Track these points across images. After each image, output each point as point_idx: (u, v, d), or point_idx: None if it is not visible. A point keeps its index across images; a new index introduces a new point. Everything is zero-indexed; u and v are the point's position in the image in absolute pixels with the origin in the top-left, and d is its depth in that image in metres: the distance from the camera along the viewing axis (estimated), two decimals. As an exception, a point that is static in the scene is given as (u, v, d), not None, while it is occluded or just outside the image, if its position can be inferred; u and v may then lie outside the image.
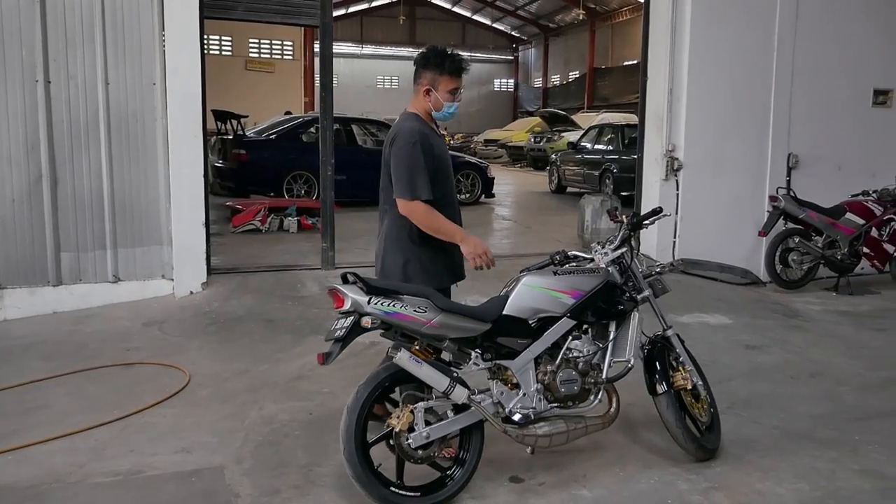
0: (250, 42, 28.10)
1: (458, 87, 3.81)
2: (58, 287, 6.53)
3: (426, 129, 3.79)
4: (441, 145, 3.87)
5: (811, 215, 7.95)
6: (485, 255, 3.68)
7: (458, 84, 3.81)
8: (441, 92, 3.78)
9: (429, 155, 3.69)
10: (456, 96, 3.82)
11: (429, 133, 3.79)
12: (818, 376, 5.39)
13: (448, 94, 3.79)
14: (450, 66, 3.77)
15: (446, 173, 3.84)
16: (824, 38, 8.58)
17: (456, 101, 3.83)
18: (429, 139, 3.74)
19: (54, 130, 6.43)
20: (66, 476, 3.71)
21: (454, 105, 3.84)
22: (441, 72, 3.76)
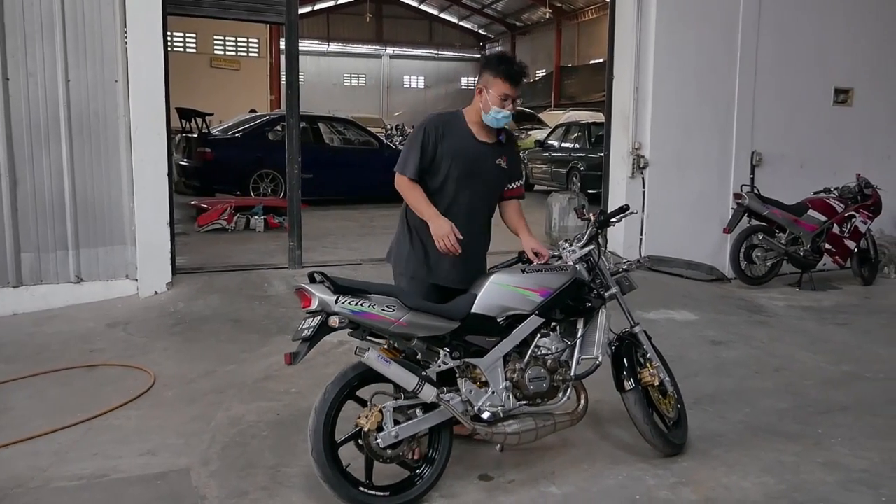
0: (215, 39, 27.83)
1: (509, 94, 3.72)
2: (18, 288, 6.39)
3: (451, 122, 3.83)
4: (463, 143, 3.78)
5: (774, 212, 8.06)
6: (448, 238, 3.59)
7: (510, 91, 3.72)
8: (492, 94, 3.73)
9: (433, 144, 3.73)
10: (506, 104, 3.73)
11: (452, 126, 3.81)
12: (782, 371, 5.47)
13: (498, 98, 3.72)
14: (505, 70, 3.73)
15: (456, 171, 3.75)
16: (786, 37, 8.72)
17: (506, 108, 3.73)
18: (442, 130, 3.76)
19: (13, 129, 6.29)
20: (27, 481, 3.63)
21: (502, 112, 3.74)
22: (496, 74, 3.73)
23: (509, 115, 3.78)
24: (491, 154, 3.87)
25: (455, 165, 3.76)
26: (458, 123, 3.84)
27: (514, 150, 4.12)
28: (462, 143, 3.79)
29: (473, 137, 3.83)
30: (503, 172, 3.94)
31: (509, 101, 3.74)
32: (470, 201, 3.83)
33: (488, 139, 3.87)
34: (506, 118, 3.79)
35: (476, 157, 3.82)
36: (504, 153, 3.94)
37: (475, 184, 3.82)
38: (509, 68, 3.75)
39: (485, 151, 3.85)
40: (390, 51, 50.90)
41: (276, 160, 10.39)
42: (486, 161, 3.85)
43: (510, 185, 4.04)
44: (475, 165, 3.81)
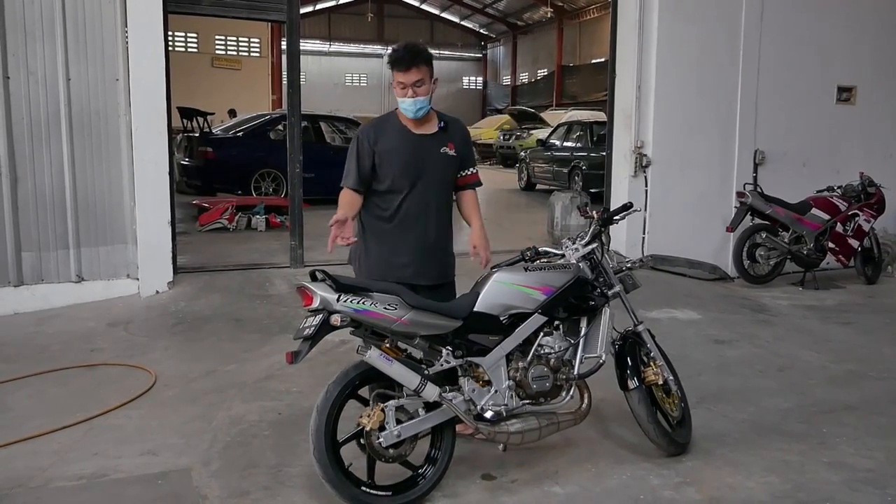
0: (216, 39, 27.81)
1: (403, 81, 3.64)
2: (19, 287, 6.38)
3: (383, 124, 3.82)
4: (398, 141, 3.74)
5: (778, 211, 8.03)
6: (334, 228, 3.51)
7: (402, 77, 3.64)
8: (395, 87, 3.71)
9: (368, 149, 3.72)
10: (406, 92, 3.65)
11: (384, 127, 3.79)
12: (786, 370, 5.45)
13: (397, 88, 3.69)
14: (391, 59, 3.70)
15: (399, 169, 3.71)
16: (789, 36, 8.69)
17: (407, 96, 3.66)
18: (375, 133, 3.75)
19: (13, 127, 6.28)
20: (28, 481, 3.61)
21: (405, 101, 3.67)
22: (389, 67, 3.71)
23: (416, 102, 3.67)
24: (432, 144, 3.79)
25: (394, 164, 3.72)
26: (391, 123, 3.81)
27: (462, 135, 3.97)
28: (397, 141, 3.74)
29: (409, 133, 3.77)
30: (451, 160, 3.84)
31: (408, 88, 3.64)
32: (421, 197, 3.77)
33: (427, 130, 3.80)
34: (413, 105, 3.68)
35: (415, 151, 3.75)
36: (449, 140, 3.83)
37: (421, 178, 3.75)
38: (393, 56, 3.69)
39: (424, 143, 3.77)
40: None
41: (278, 159, 10.38)
42: (428, 153, 3.77)
43: (463, 173, 3.94)
44: (416, 159, 3.74)
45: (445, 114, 3.94)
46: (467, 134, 4.06)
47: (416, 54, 3.68)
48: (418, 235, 3.77)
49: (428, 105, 3.74)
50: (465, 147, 3.95)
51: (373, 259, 3.83)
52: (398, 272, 3.74)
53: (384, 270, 3.75)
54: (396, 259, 3.77)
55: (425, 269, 3.81)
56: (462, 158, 3.91)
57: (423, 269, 3.80)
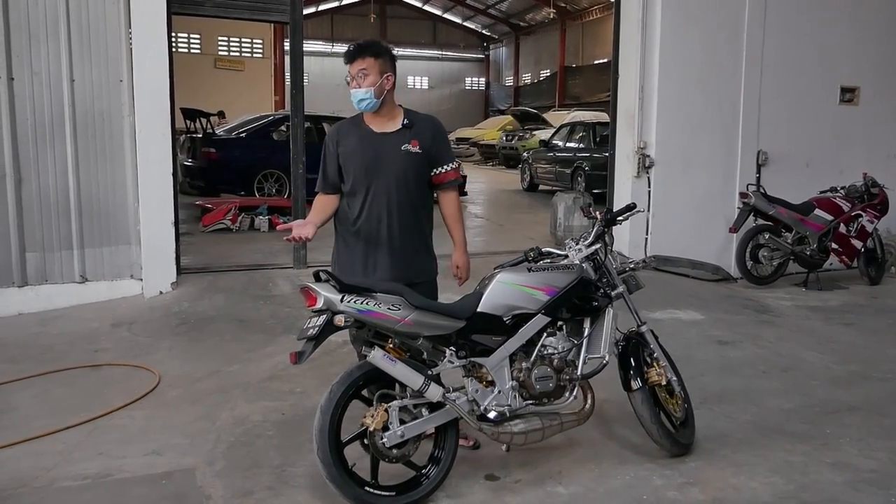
0: (219, 40, 27.79)
1: (350, 72, 3.67)
2: (23, 288, 6.40)
3: (347, 124, 3.86)
4: (359, 140, 3.73)
5: (781, 212, 8.03)
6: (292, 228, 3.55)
7: (350, 69, 3.67)
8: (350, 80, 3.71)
9: (333, 152, 3.77)
10: (353, 83, 3.66)
11: (347, 128, 3.83)
12: (789, 371, 5.44)
13: (349, 81, 3.70)
14: (344, 54, 3.73)
15: (359, 169, 3.69)
16: (792, 36, 8.69)
17: (352, 87, 3.67)
18: (340, 134, 3.80)
19: (18, 128, 6.30)
20: (32, 480, 3.63)
21: (351, 91, 3.68)
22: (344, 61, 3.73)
23: (359, 93, 3.65)
24: (394, 141, 3.72)
25: (354, 164, 3.71)
26: (354, 124, 3.82)
27: (431, 131, 3.81)
28: (357, 141, 3.74)
29: (370, 132, 3.75)
30: (415, 157, 3.73)
31: (353, 79, 3.67)
32: (385, 196, 3.70)
33: (390, 128, 3.75)
34: (356, 95, 3.66)
35: (375, 150, 3.71)
36: (413, 137, 3.73)
37: (382, 176, 3.70)
38: (347, 49, 3.74)
39: (385, 141, 3.72)
40: (394, 51, 50.78)
41: (281, 160, 10.41)
42: (388, 150, 3.71)
43: (437, 170, 3.82)
44: (376, 158, 3.70)
45: (417, 112, 3.88)
46: (439, 130, 3.91)
47: (361, 47, 3.72)
48: (381, 235, 3.72)
49: (372, 98, 3.65)
50: (434, 143, 3.80)
51: (343, 260, 3.81)
52: (367, 272, 3.72)
53: (352, 272, 3.70)
54: (362, 260, 3.75)
55: (393, 269, 3.73)
56: (431, 155, 3.78)
57: (391, 270, 3.72)
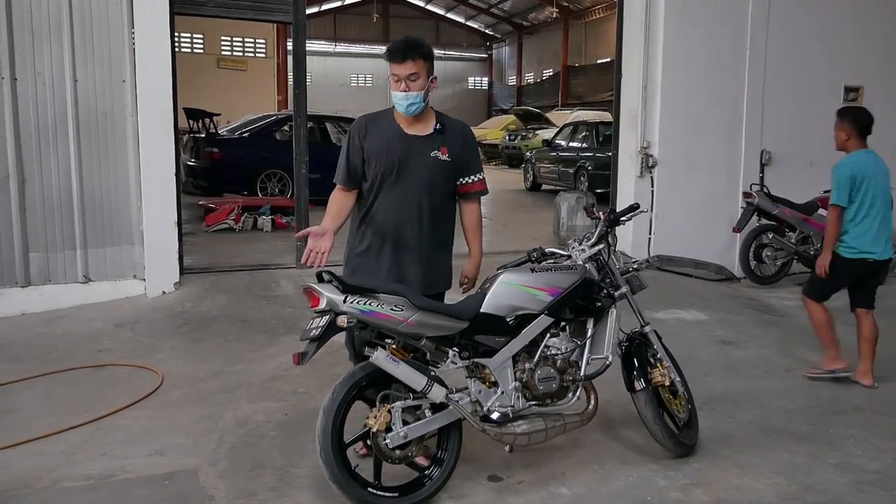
0: (222, 40, 27.83)
1: (397, 73, 3.52)
2: (26, 288, 6.40)
3: (377, 120, 3.72)
4: (388, 139, 3.61)
5: (784, 211, 8.01)
6: (311, 253, 3.46)
7: (397, 69, 3.52)
8: (391, 80, 3.58)
9: (357, 145, 3.64)
10: (399, 85, 3.53)
11: (376, 124, 3.69)
12: (792, 371, 5.43)
13: (392, 81, 3.56)
14: (387, 52, 3.58)
15: (383, 169, 3.59)
16: (796, 36, 8.67)
17: (399, 89, 3.53)
18: (365, 129, 3.66)
19: (21, 128, 6.30)
20: (35, 481, 3.63)
21: (398, 94, 3.54)
22: (386, 60, 3.59)
23: (407, 97, 3.54)
24: (423, 146, 3.63)
25: (379, 163, 3.60)
26: (384, 120, 3.69)
27: (461, 139, 3.75)
28: (386, 139, 3.62)
29: (401, 131, 3.64)
30: (444, 165, 3.65)
31: (401, 81, 3.52)
32: (403, 199, 3.62)
33: (421, 131, 3.65)
34: (405, 100, 3.55)
35: (403, 152, 3.60)
36: (443, 144, 3.65)
37: (405, 180, 3.60)
38: (390, 46, 3.59)
39: (415, 144, 3.62)
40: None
41: (284, 160, 10.40)
42: (417, 154, 3.61)
43: (462, 180, 3.76)
44: (402, 160, 3.59)
45: (449, 116, 3.81)
46: (470, 138, 3.87)
47: (413, 46, 3.56)
48: (409, 240, 3.63)
49: (421, 102, 3.58)
50: (464, 152, 3.75)
51: (362, 262, 3.71)
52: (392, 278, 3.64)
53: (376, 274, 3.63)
54: (389, 263, 3.66)
55: (425, 276, 3.68)
56: (459, 164, 3.72)
57: (423, 277, 3.67)
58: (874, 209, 5.14)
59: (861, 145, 5.32)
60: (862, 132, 5.34)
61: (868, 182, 5.15)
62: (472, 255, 3.92)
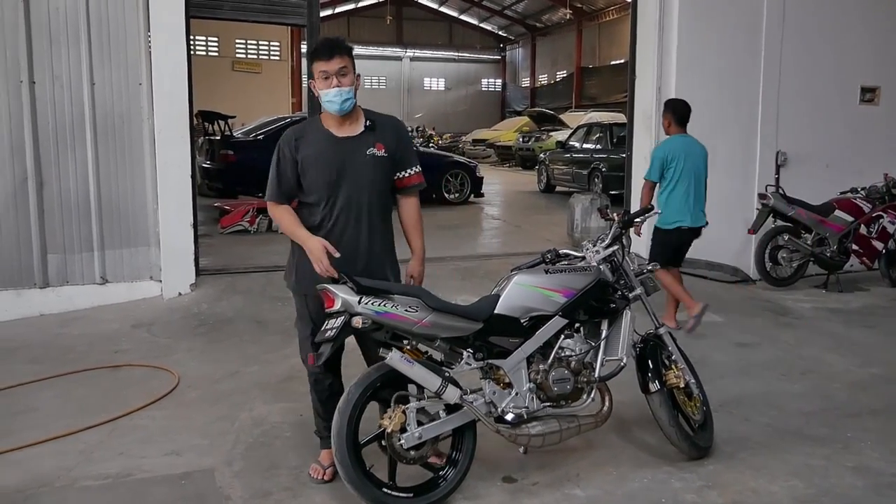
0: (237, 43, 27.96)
1: (326, 69, 3.42)
2: (44, 289, 6.47)
3: (306, 130, 3.59)
4: (321, 146, 3.51)
5: (800, 213, 7.96)
6: (322, 261, 3.34)
7: (325, 66, 3.42)
8: (317, 79, 3.46)
9: (290, 158, 3.51)
10: (330, 81, 3.42)
11: (305, 134, 3.56)
12: (809, 373, 5.40)
13: (320, 79, 3.44)
14: (314, 50, 3.50)
15: (325, 176, 3.49)
16: (812, 36, 8.61)
17: (332, 86, 3.42)
18: (296, 141, 3.52)
19: (39, 131, 6.37)
20: (53, 480, 3.67)
21: (330, 91, 3.42)
22: (310, 59, 3.52)
23: (341, 92, 3.43)
24: (358, 146, 3.53)
25: (318, 171, 3.49)
26: (313, 128, 3.58)
27: (394, 133, 3.66)
28: (319, 147, 3.51)
29: (332, 136, 3.53)
30: (382, 161, 3.56)
31: (331, 77, 3.42)
32: (355, 204, 3.52)
33: (352, 132, 3.55)
34: (339, 96, 3.43)
35: (339, 155, 3.51)
36: (377, 140, 3.56)
37: (348, 183, 3.51)
38: (316, 45, 3.51)
39: (349, 146, 3.52)
40: (411, 53, 50.96)
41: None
42: (353, 155, 3.52)
43: (399, 174, 3.66)
44: (341, 164, 3.50)
45: (377, 112, 3.70)
46: (403, 131, 3.77)
47: (338, 43, 3.50)
48: (354, 246, 3.52)
49: (353, 97, 3.49)
50: (399, 145, 3.64)
51: (304, 274, 3.55)
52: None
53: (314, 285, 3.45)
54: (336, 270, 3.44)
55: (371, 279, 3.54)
56: (396, 159, 3.63)
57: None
58: (681, 184, 6.02)
59: (679, 131, 6.23)
60: (679, 120, 6.23)
61: (677, 162, 6.05)
62: (416, 253, 3.80)
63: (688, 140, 6.20)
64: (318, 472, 3.64)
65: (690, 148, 6.14)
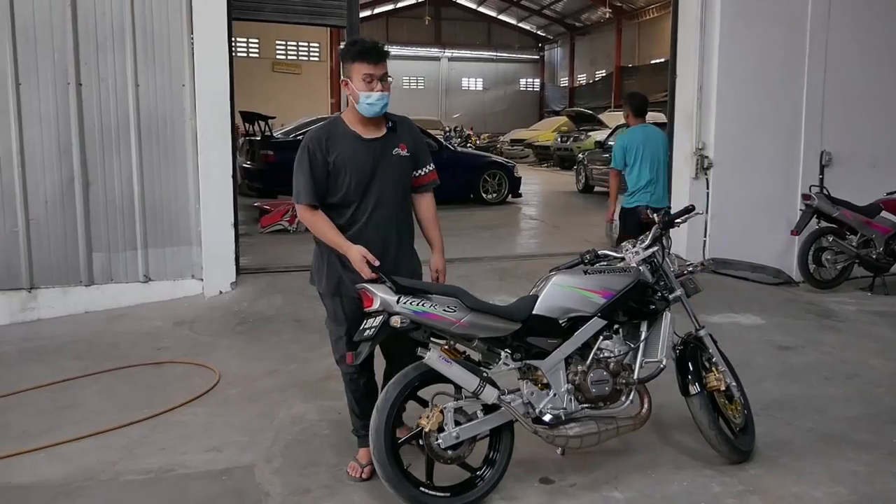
0: (277, 44, 28.32)
1: (372, 72, 3.45)
2: (90, 287, 6.60)
3: (332, 132, 3.58)
4: (350, 147, 3.53)
5: (845, 214, 7.81)
6: (364, 269, 3.36)
7: (371, 69, 3.45)
8: (356, 81, 3.48)
9: (321, 160, 3.51)
10: (373, 85, 3.46)
11: (333, 135, 3.57)
12: (853, 377, 5.29)
13: (362, 81, 3.46)
14: (358, 50, 3.48)
15: (355, 178, 3.52)
16: (858, 32, 8.44)
17: (374, 89, 3.46)
18: (325, 143, 3.53)
19: (86, 133, 6.51)
20: (98, 474, 3.75)
21: (372, 94, 3.46)
22: (352, 58, 3.49)
23: (383, 97, 3.50)
24: (385, 147, 3.60)
25: (351, 173, 3.52)
26: (340, 130, 3.58)
27: (412, 133, 3.74)
28: (350, 149, 3.53)
29: (359, 138, 3.56)
30: (405, 161, 3.65)
31: (375, 80, 3.46)
32: (377, 205, 3.57)
33: (377, 133, 3.60)
34: (381, 100, 3.49)
35: (370, 157, 3.55)
36: (400, 140, 3.64)
37: (378, 186, 3.56)
38: (361, 46, 3.50)
39: (377, 148, 3.58)
40: (449, 53, 51.03)
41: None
42: (382, 157, 3.58)
43: (417, 173, 3.73)
44: (373, 165, 3.55)
45: (391, 113, 3.72)
46: (417, 130, 3.85)
47: (382, 48, 3.53)
48: (381, 245, 3.55)
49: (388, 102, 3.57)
50: (416, 145, 3.73)
51: (335, 275, 3.62)
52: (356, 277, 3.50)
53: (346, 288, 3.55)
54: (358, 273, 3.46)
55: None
56: (415, 158, 3.71)
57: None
58: (642, 170, 6.53)
59: (639, 122, 6.70)
60: (637, 112, 6.71)
61: (637, 150, 6.55)
62: (437, 247, 3.84)
63: (647, 129, 6.69)
64: (357, 470, 3.67)
65: (648, 136, 6.62)
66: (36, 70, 6.35)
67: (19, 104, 6.32)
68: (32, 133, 6.37)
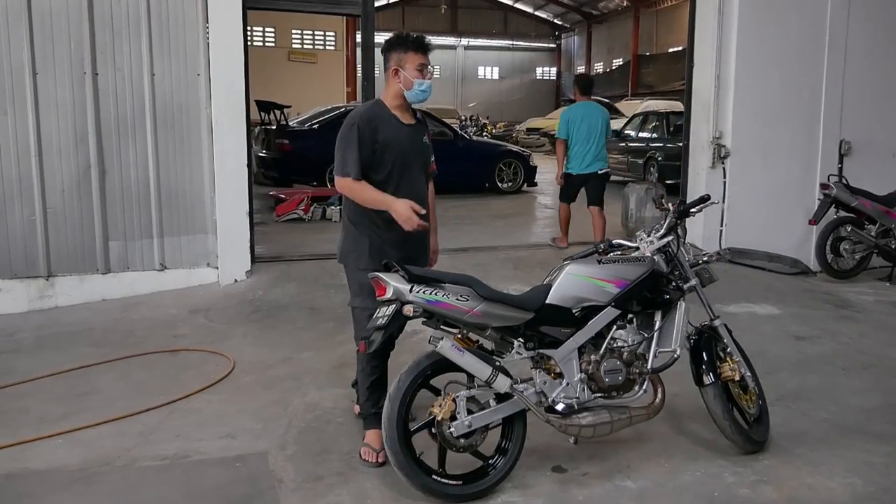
0: (293, 33, 28.28)
1: (425, 63, 3.77)
2: (106, 275, 6.65)
3: (378, 113, 3.78)
4: (395, 130, 3.77)
5: (864, 203, 7.73)
6: (412, 219, 3.51)
7: (424, 60, 3.77)
8: (409, 69, 3.74)
9: (369, 138, 3.67)
10: (425, 73, 3.77)
11: (380, 117, 3.76)
12: (870, 368, 5.24)
13: (416, 70, 3.74)
14: (415, 42, 3.77)
15: (398, 159, 3.75)
16: (879, 20, 8.34)
17: (426, 78, 3.78)
18: (374, 123, 3.72)
19: (102, 121, 6.54)
20: (114, 459, 3.78)
21: (425, 82, 3.77)
22: (407, 49, 3.75)
23: (430, 85, 3.81)
24: (417, 134, 3.89)
25: (393, 155, 3.74)
26: (384, 113, 3.80)
27: (426, 125, 4.10)
28: (395, 131, 3.77)
29: (401, 123, 3.82)
30: (428, 149, 3.98)
31: (426, 69, 3.78)
32: (410, 185, 3.81)
33: (411, 120, 3.88)
34: (430, 88, 3.80)
35: (408, 141, 3.82)
36: (426, 129, 3.99)
37: (412, 167, 3.84)
38: (418, 39, 3.79)
39: (412, 133, 3.86)
40: (465, 42, 50.86)
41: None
42: (415, 143, 3.87)
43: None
44: (410, 150, 3.82)
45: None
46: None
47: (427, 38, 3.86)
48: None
49: None
50: (430, 137, 4.09)
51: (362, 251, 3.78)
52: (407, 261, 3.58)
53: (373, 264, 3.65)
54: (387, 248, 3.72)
55: (414, 254, 3.84)
56: (431, 148, 4.04)
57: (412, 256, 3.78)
58: (581, 140, 7.94)
59: (583, 99, 8.27)
60: (582, 91, 8.37)
61: (578, 123, 7.96)
62: (433, 229, 4.13)
63: (588, 105, 8.16)
64: (371, 454, 3.68)
65: (588, 111, 8.03)
66: (53, 59, 6.38)
67: (36, 94, 6.36)
68: (49, 122, 6.41)
